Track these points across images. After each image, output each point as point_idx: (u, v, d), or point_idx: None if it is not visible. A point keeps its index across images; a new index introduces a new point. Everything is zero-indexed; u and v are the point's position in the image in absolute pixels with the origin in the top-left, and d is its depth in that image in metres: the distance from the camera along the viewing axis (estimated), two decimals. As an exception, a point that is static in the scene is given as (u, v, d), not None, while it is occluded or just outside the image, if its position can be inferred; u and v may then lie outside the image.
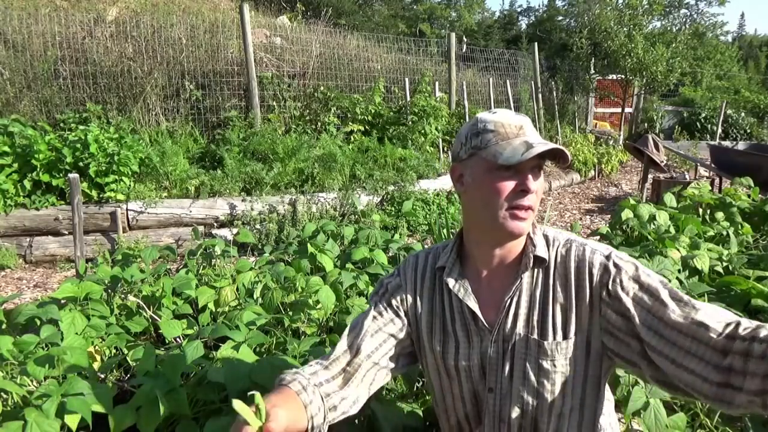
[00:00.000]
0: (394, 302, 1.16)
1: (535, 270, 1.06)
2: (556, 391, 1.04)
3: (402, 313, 1.15)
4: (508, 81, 10.07)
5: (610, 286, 0.99)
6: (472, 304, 1.08)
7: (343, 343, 1.09)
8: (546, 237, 1.10)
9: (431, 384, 1.19)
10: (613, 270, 1.00)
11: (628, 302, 0.97)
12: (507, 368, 1.06)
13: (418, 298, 1.16)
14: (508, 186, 1.00)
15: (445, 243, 1.20)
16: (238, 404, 0.78)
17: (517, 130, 1.01)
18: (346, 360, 1.07)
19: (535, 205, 1.02)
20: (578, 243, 1.07)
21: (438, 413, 1.21)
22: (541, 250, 1.06)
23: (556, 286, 1.04)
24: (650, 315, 0.95)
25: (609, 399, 1.23)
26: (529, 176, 1.00)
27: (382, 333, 1.12)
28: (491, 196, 1.01)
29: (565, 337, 1.03)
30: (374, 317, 1.13)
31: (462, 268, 1.13)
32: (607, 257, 1.03)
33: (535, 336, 1.04)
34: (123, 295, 2.26)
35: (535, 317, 1.04)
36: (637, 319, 0.95)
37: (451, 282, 1.10)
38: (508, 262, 1.08)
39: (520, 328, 1.05)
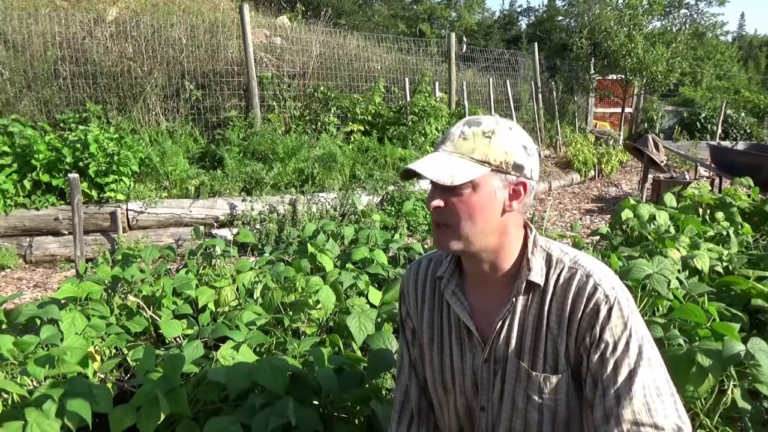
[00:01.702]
0: (409, 329, 1.19)
1: (531, 293, 0.99)
2: (545, 421, 1.00)
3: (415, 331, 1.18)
4: (508, 81, 10.07)
5: (596, 330, 0.92)
6: (467, 319, 1.04)
7: (398, 399, 1.21)
8: (549, 257, 1.00)
9: (431, 396, 1.17)
10: (603, 313, 0.92)
11: (605, 355, 0.92)
12: (497, 390, 1.03)
13: (420, 312, 1.14)
14: (428, 200, 0.98)
15: None
16: None
17: (440, 144, 0.97)
18: (408, 410, 1.19)
19: (451, 223, 0.94)
20: (584, 270, 0.96)
21: (440, 426, 1.20)
22: (536, 275, 0.98)
23: (551, 314, 0.97)
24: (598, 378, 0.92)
25: None
26: (434, 192, 0.95)
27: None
28: None
29: (555, 371, 0.97)
30: (409, 366, 1.20)
31: (460, 279, 1.08)
32: (606, 297, 0.93)
33: (526, 365, 0.99)
34: (123, 295, 2.26)
35: (527, 344, 0.99)
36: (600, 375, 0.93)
37: (448, 294, 1.07)
38: (499, 278, 1.02)
39: (511, 353, 1.00)
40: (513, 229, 1.00)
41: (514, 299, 0.99)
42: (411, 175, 0.96)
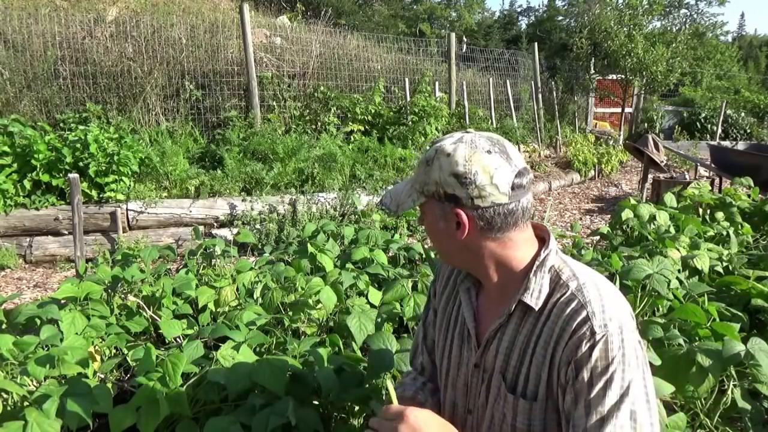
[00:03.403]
0: (433, 307, 1.21)
1: (525, 313, 0.94)
2: None
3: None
4: (508, 81, 10.07)
5: (572, 366, 0.86)
6: (470, 320, 1.03)
7: (418, 351, 1.24)
8: (557, 278, 0.93)
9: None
10: (583, 350, 0.85)
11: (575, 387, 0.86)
12: (482, 398, 1.01)
13: (441, 296, 1.16)
14: None
15: None
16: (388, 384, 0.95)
17: None
18: (429, 363, 1.22)
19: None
20: (582, 298, 0.89)
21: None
22: (531, 296, 0.92)
23: (540, 340, 0.91)
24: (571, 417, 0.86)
25: None
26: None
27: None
28: None
29: (534, 397, 0.92)
30: (425, 319, 1.24)
31: (477, 278, 1.06)
32: (592, 333, 0.84)
33: (506, 385, 0.96)
34: (123, 295, 2.26)
35: (512, 364, 0.95)
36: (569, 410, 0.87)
37: (462, 290, 1.07)
38: (500, 290, 0.98)
39: (498, 367, 0.97)
40: (497, 251, 0.94)
41: (506, 316, 0.96)
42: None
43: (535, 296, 0.92)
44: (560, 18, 28.37)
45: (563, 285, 0.92)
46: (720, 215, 3.21)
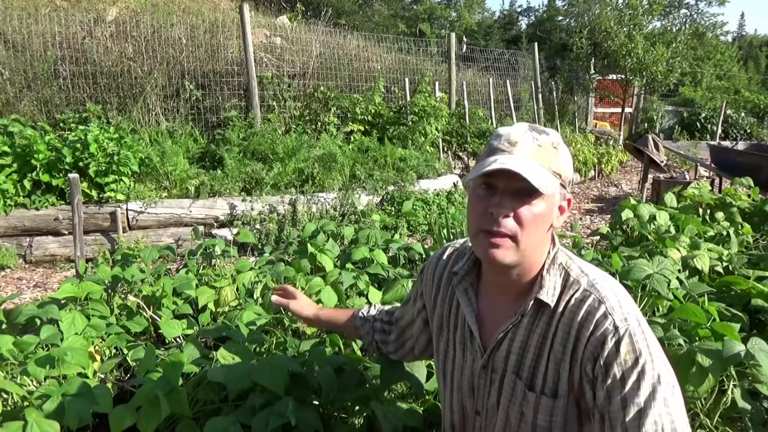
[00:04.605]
0: (421, 296, 1.23)
1: (539, 312, 0.95)
2: None
3: (424, 308, 1.22)
4: (508, 81, 10.07)
5: (600, 362, 0.86)
6: (472, 322, 1.02)
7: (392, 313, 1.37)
8: (567, 276, 0.95)
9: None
10: (610, 346, 0.86)
11: (604, 391, 0.86)
12: (493, 399, 1.01)
13: (433, 300, 1.15)
14: (480, 205, 0.91)
15: None
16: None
17: (507, 146, 0.90)
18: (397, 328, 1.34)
19: (517, 234, 0.88)
20: (598, 294, 0.90)
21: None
22: (547, 294, 0.93)
23: (557, 336, 0.92)
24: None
25: None
26: (502, 198, 0.88)
27: (415, 318, 1.27)
28: (469, 212, 0.95)
29: (554, 395, 0.93)
30: (410, 301, 1.28)
31: (476, 278, 1.06)
32: (615, 328, 0.86)
33: (523, 383, 0.96)
34: (123, 295, 2.26)
35: (527, 362, 0.96)
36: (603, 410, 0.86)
37: (460, 292, 1.06)
38: (515, 289, 0.98)
39: (510, 367, 0.97)
40: (549, 243, 0.97)
41: (520, 315, 0.96)
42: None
43: (551, 293, 0.93)
44: (560, 18, 28.36)
45: (574, 282, 0.94)
46: (720, 215, 3.21)
